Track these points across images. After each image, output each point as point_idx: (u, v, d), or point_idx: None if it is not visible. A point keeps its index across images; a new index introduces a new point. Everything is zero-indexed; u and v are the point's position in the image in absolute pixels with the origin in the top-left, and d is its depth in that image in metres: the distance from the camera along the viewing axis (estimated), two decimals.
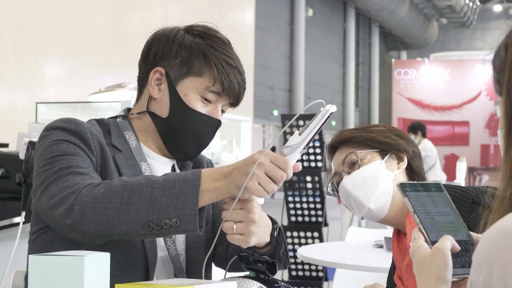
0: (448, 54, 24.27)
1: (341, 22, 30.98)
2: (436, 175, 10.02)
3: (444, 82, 21.53)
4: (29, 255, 1.39)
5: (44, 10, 8.67)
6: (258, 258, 1.77)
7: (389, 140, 2.11)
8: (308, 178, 6.62)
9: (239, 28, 13.56)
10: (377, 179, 2.06)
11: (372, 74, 34.26)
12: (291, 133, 6.55)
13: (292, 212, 6.68)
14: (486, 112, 20.97)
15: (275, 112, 24.34)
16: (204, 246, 1.96)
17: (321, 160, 6.57)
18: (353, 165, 2.09)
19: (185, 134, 1.90)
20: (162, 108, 1.91)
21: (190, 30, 1.94)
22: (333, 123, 28.60)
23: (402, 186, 1.34)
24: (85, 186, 1.67)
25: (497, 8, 34.22)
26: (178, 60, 1.89)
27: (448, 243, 1.22)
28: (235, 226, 1.71)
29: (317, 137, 6.55)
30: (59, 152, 1.76)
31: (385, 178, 2.07)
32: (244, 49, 12.68)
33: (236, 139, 7.21)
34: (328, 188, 2.17)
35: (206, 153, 6.58)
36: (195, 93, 1.88)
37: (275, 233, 1.82)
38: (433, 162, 10.14)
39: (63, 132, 1.80)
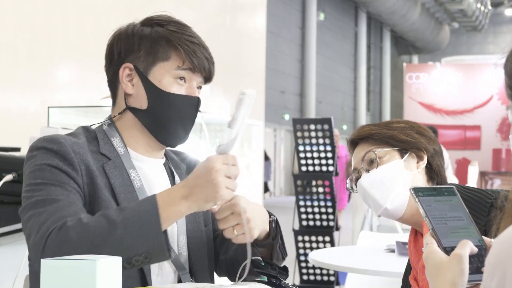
0: (459, 58, 24.18)
1: (353, 26, 30.95)
2: (448, 179, 9.99)
3: (456, 86, 21.45)
4: (41, 259, 1.39)
5: (56, 14, 8.70)
6: (269, 262, 1.78)
7: (409, 138, 2.08)
8: (320, 183, 6.61)
9: (251, 32, 13.56)
10: (394, 179, 2.04)
11: (383, 78, 34.21)
12: (302, 137, 6.55)
13: (304, 216, 6.67)
14: (498, 116, 20.87)
15: (286, 116, 24.31)
16: (206, 247, 1.97)
17: (332, 165, 6.56)
18: (371, 163, 2.07)
19: (169, 119, 1.90)
20: (141, 101, 1.91)
21: (146, 22, 1.97)
22: (344, 127, 28.55)
23: (414, 191, 1.34)
24: (51, 232, 1.68)
25: (509, 12, 34.11)
26: (143, 51, 1.91)
27: (467, 250, 1.22)
28: (235, 231, 1.75)
29: (328, 141, 6.57)
30: (41, 180, 1.78)
31: (403, 178, 2.05)
32: (256, 53, 12.68)
33: (248, 143, 7.21)
34: (347, 184, 2.16)
35: None
36: (168, 77, 1.90)
37: (273, 224, 1.85)
38: (445, 167, 10.12)
39: (47, 154, 1.81)
